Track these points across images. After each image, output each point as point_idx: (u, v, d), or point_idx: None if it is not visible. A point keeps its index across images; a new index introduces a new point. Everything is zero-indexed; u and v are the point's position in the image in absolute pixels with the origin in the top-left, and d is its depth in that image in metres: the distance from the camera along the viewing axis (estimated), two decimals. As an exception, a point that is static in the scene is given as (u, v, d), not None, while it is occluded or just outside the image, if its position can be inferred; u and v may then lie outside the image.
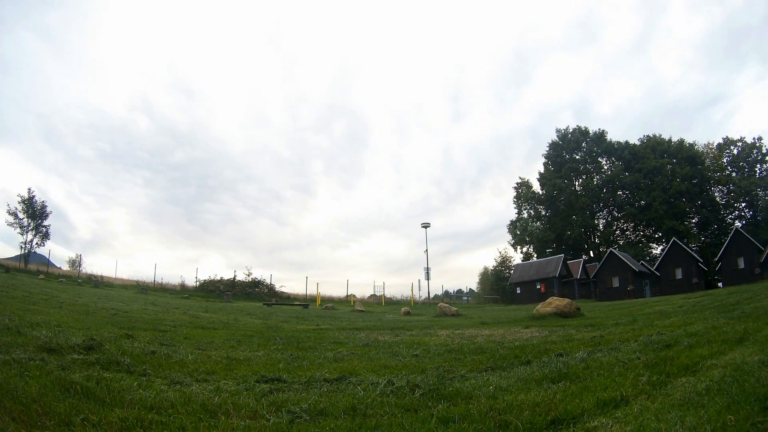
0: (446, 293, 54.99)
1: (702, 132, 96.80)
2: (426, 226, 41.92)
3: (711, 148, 58.43)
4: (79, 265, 37.61)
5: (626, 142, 60.63)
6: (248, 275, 35.27)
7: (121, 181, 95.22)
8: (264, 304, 23.88)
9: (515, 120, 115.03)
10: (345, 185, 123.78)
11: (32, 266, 32.03)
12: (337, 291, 44.03)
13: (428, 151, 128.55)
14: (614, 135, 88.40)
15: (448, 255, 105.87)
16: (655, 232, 58.38)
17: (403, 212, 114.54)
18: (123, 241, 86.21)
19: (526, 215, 63.73)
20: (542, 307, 12.02)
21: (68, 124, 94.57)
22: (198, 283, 34.13)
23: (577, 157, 62.50)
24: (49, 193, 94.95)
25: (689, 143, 58.15)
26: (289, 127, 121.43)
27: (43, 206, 36.10)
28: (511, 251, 61.49)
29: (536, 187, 64.07)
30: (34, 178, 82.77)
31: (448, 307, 18.73)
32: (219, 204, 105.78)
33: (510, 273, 54.20)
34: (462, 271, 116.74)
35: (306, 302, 28.31)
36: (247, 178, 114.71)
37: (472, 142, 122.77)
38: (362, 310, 23.34)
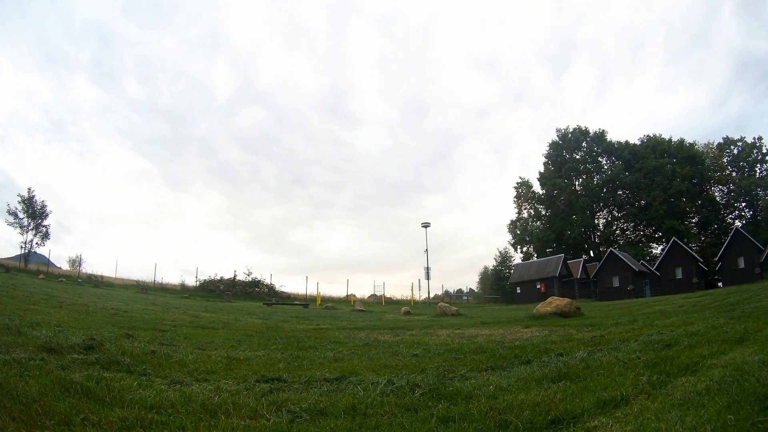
0: (446, 293, 54.99)
1: None
2: (426, 225, 42.18)
3: (711, 148, 58.42)
4: (79, 264, 37.70)
5: (626, 141, 60.68)
6: (248, 275, 35.50)
7: (69, 125, 65.79)
8: (264, 304, 23.86)
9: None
10: (407, 100, 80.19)
11: (32, 266, 32.03)
12: (337, 291, 43.94)
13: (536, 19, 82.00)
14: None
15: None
16: (655, 232, 58.31)
17: (477, 162, 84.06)
18: (90, 220, 69.71)
19: (526, 215, 63.82)
20: (542, 307, 12.02)
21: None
22: (198, 282, 34.27)
23: (577, 157, 62.42)
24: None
25: (689, 143, 58.21)
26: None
27: (43, 206, 36.16)
28: (511, 251, 61.62)
29: (536, 186, 64.18)
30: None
31: (448, 306, 18.72)
32: (209, 159, 76.55)
33: (510, 273, 54.19)
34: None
35: (306, 302, 28.30)
36: (253, 99, 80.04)
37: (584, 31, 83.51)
38: (362, 310, 23.33)
